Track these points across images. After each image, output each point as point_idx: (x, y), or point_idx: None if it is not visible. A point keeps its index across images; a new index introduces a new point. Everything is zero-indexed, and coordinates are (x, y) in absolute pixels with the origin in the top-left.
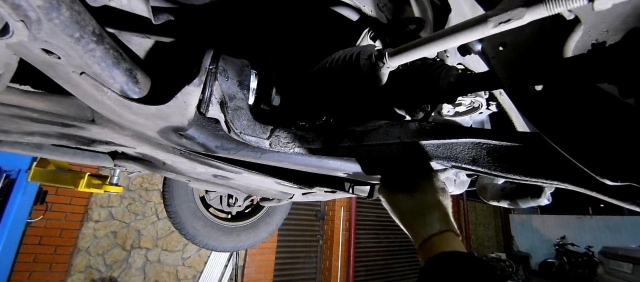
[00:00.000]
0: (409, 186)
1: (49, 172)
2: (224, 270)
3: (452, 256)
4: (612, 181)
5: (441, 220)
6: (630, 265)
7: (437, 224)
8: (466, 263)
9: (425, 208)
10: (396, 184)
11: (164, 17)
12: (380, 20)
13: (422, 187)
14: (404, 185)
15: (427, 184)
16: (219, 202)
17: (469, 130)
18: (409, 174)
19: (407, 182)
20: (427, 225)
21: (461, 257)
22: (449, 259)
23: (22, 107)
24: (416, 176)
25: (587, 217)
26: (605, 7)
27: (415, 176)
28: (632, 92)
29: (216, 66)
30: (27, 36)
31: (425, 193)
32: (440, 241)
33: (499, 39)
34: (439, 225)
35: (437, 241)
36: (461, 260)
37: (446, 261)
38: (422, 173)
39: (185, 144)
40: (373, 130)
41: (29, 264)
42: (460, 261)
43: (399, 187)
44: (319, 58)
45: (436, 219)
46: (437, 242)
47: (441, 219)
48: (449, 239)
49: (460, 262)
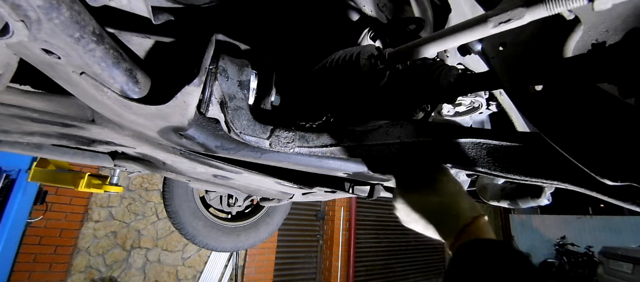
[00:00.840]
0: (427, 183)
1: (49, 172)
2: (224, 270)
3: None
4: (612, 181)
5: (471, 208)
6: (630, 265)
7: (468, 212)
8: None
9: (452, 200)
10: (414, 183)
11: (164, 17)
12: (380, 20)
13: (442, 181)
14: (423, 182)
15: (444, 177)
16: (219, 202)
17: (469, 130)
18: (424, 170)
19: (425, 179)
20: (458, 216)
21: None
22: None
23: (22, 107)
24: (431, 171)
25: (587, 217)
26: (605, 7)
27: (429, 171)
28: (632, 92)
29: (216, 66)
30: (27, 36)
31: (446, 185)
32: (475, 229)
33: (499, 39)
34: (470, 212)
35: (473, 230)
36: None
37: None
38: (436, 168)
39: (185, 144)
40: (373, 130)
41: (29, 264)
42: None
43: (418, 187)
44: (319, 58)
45: (466, 208)
46: (473, 230)
47: (471, 207)
48: (481, 226)
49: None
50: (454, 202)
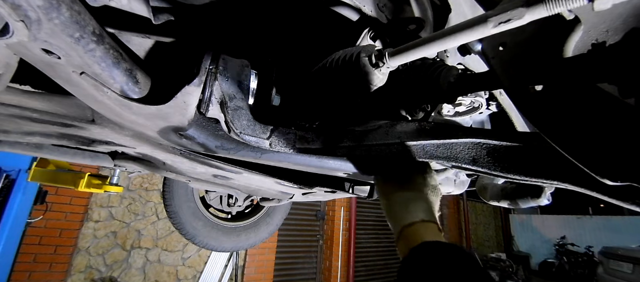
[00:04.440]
0: (401, 178)
1: (49, 172)
2: (224, 270)
3: (436, 245)
4: (612, 181)
5: (425, 211)
6: (630, 265)
7: (421, 214)
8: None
9: (412, 197)
10: (390, 175)
11: (164, 17)
12: (380, 20)
13: (413, 180)
14: (397, 177)
15: (418, 179)
16: (219, 202)
17: (469, 130)
18: (404, 168)
19: (401, 175)
20: (410, 212)
21: (444, 247)
22: (433, 249)
23: (22, 107)
24: (411, 171)
25: (587, 217)
26: (605, 7)
27: (410, 170)
28: (632, 92)
29: (216, 66)
30: (27, 36)
31: (415, 185)
32: (423, 229)
33: (499, 39)
34: (422, 214)
35: (420, 229)
36: (445, 250)
37: (430, 251)
38: (418, 169)
39: (185, 144)
40: (373, 130)
41: (29, 264)
42: (444, 251)
43: (392, 178)
44: (319, 58)
45: (420, 209)
46: (420, 229)
47: (425, 210)
48: (431, 229)
49: (444, 252)
50: (413, 201)
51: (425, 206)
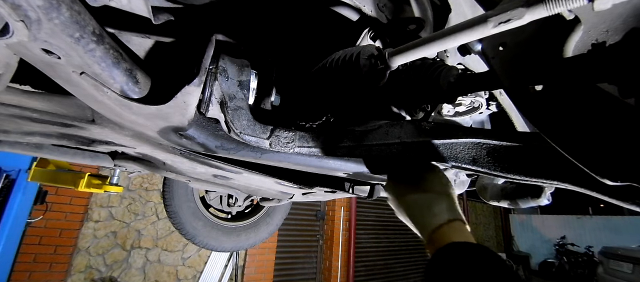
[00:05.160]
0: (415, 179)
1: (49, 172)
2: (224, 270)
3: (463, 246)
4: (612, 181)
5: (449, 209)
6: (630, 265)
7: (446, 214)
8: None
9: (433, 199)
10: (402, 178)
11: (164, 17)
12: (380, 20)
13: (428, 179)
14: (411, 178)
15: (433, 177)
16: (219, 202)
17: (469, 130)
18: (415, 168)
19: (414, 176)
20: (435, 215)
21: (472, 248)
22: (460, 250)
23: (22, 107)
24: (422, 169)
25: (587, 217)
26: (605, 7)
27: (420, 170)
28: (632, 92)
29: (216, 66)
30: (27, 36)
31: (433, 184)
32: (449, 230)
33: (499, 39)
34: (447, 214)
35: (447, 231)
36: (472, 251)
37: (457, 252)
38: (427, 167)
39: (185, 144)
40: (373, 130)
41: (29, 264)
42: (472, 252)
43: (406, 181)
44: (319, 58)
45: (444, 209)
46: (447, 231)
47: (449, 209)
48: (458, 228)
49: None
50: (435, 202)
51: (447, 204)
